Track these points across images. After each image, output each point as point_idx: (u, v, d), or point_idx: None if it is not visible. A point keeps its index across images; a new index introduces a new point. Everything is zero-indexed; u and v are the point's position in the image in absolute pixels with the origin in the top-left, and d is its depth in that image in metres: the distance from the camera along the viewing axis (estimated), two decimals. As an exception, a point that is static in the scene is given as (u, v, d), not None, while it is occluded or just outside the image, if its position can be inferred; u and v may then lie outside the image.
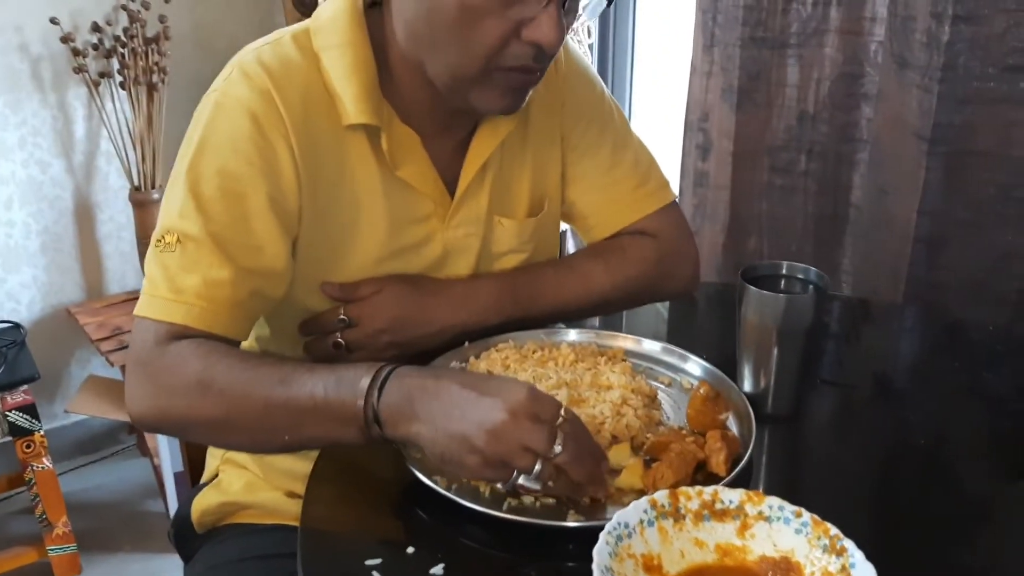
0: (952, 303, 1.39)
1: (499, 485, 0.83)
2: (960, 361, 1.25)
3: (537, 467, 0.79)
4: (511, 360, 1.07)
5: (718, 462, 0.88)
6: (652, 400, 1.02)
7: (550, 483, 0.81)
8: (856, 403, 1.11)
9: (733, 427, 0.96)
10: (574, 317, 1.20)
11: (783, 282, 1.01)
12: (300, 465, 0.98)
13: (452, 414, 0.81)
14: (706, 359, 1.06)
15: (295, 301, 1.07)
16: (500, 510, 0.84)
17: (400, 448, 0.90)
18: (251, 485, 1.18)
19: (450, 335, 1.09)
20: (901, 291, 1.41)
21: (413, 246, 1.09)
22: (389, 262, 1.08)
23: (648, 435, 0.95)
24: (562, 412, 0.81)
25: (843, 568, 0.72)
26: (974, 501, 0.92)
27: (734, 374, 1.03)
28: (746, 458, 0.89)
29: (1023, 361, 1.26)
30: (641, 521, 0.77)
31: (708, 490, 0.79)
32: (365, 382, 0.85)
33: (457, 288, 1.10)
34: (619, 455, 0.91)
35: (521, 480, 0.81)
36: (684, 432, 0.93)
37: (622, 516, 0.76)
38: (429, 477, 0.87)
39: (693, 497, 0.79)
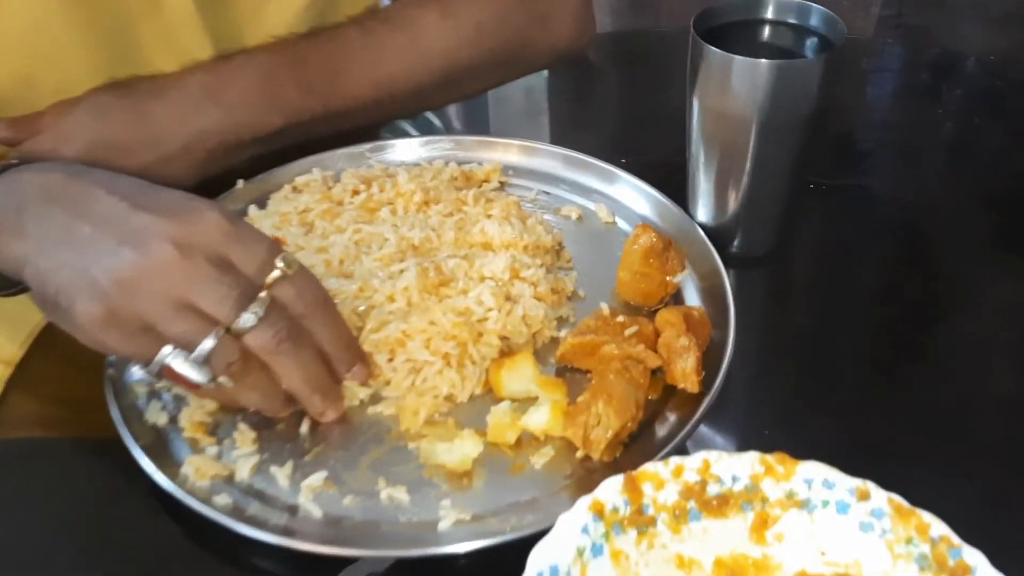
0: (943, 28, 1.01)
1: (140, 367, 0.50)
2: (944, 107, 0.92)
3: (208, 342, 0.46)
4: (315, 203, 0.64)
5: (686, 371, 0.51)
6: (557, 254, 0.63)
7: (225, 380, 0.48)
8: (848, 209, 0.75)
9: (692, 295, 0.59)
10: (406, 109, 0.77)
11: (764, 32, 0.60)
12: None
13: (76, 232, 0.49)
14: (632, 172, 0.66)
15: None
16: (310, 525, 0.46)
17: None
18: None
19: (201, 159, 0.64)
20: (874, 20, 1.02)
21: None
22: (53, 28, 0.62)
23: (558, 329, 0.56)
24: (280, 263, 0.49)
25: (967, 605, 0.38)
26: None
27: (680, 196, 0.64)
28: (727, 357, 0.52)
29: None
30: (580, 551, 0.40)
31: (692, 461, 0.43)
32: None
33: (196, 78, 0.64)
34: (518, 374, 0.53)
35: (173, 363, 0.47)
36: (618, 317, 0.55)
37: (544, 554, 0.39)
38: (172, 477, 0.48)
39: (667, 481, 0.43)
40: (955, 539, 0.39)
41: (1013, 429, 0.55)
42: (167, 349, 0.47)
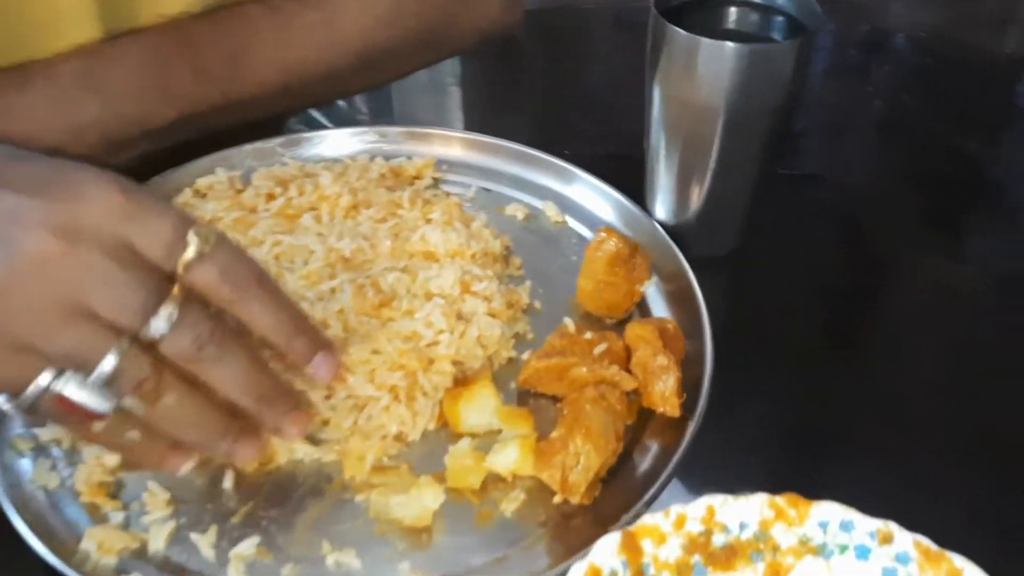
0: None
1: (5, 401, 0.38)
2: (874, 84, 0.91)
3: (109, 359, 0.37)
4: (225, 210, 0.55)
5: (666, 394, 0.46)
6: (506, 260, 0.56)
7: (134, 403, 0.38)
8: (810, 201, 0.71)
9: (658, 303, 0.53)
10: (317, 96, 0.69)
11: (730, 15, 0.54)
12: None
13: None
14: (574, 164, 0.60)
15: None
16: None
17: None
18: None
19: (79, 159, 0.54)
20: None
21: None
22: None
23: (515, 348, 0.50)
24: (193, 238, 0.38)
25: (1012, 662, 0.34)
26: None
27: (633, 192, 0.58)
28: (707, 375, 0.47)
29: (956, 77, 0.92)
30: (577, 630, 0.34)
31: (694, 509, 0.37)
32: None
33: (69, 64, 0.54)
34: (478, 406, 0.46)
35: (65, 389, 0.37)
36: (586, 333, 0.49)
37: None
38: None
39: (668, 534, 0.37)
40: (987, 581, 0.35)
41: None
42: (46, 375, 0.37)
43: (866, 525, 0.37)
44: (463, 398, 0.46)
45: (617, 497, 0.43)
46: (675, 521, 0.37)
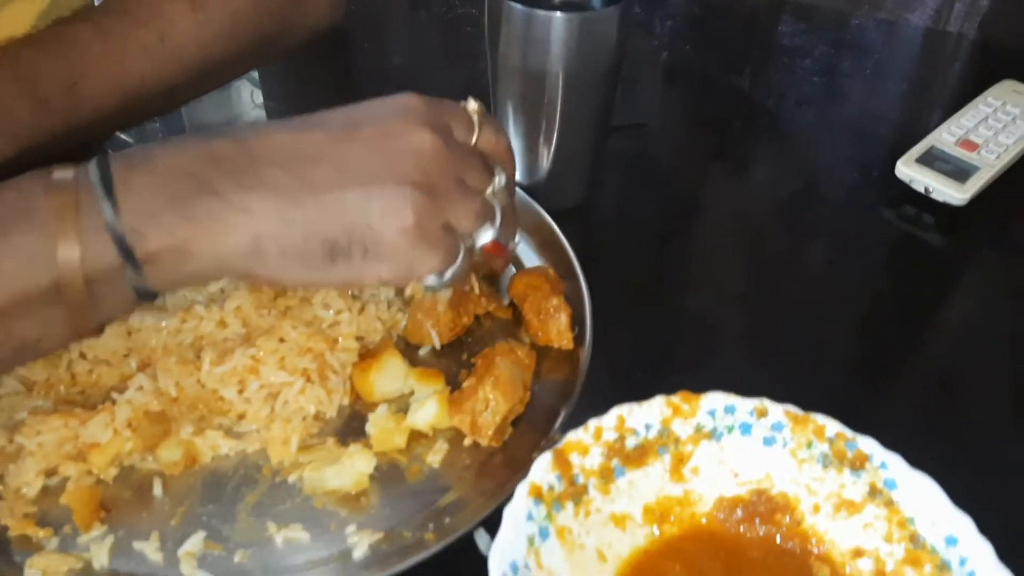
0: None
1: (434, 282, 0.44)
2: (659, 38, 1.01)
3: (497, 210, 0.47)
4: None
5: (561, 330, 0.51)
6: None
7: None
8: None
9: (530, 256, 0.58)
10: (155, 111, 0.67)
11: (555, -13, 0.59)
12: None
13: (323, 171, 0.42)
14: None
15: None
16: None
17: None
18: None
19: None
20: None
21: None
22: None
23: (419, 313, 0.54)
24: (474, 116, 0.48)
25: (873, 490, 0.42)
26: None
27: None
28: (588, 307, 0.53)
29: (726, 24, 1.04)
30: (531, 539, 0.39)
31: (608, 420, 0.43)
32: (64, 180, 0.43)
33: None
34: (389, 374, 0.49)
35: (490, 238, 0.46)
36: (478, 289, 0.53)
37: (502, 553, 0.37)
38: None
39: (590, 446, 0.42)
40: (849, 433, 0.43)
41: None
42: (486, 228, 0.46)
43: (745, 405, 0.44)
44: (372, 369, 0.49)
45: (533, 429, 0.48)
46: (594, 433, 0.42)
